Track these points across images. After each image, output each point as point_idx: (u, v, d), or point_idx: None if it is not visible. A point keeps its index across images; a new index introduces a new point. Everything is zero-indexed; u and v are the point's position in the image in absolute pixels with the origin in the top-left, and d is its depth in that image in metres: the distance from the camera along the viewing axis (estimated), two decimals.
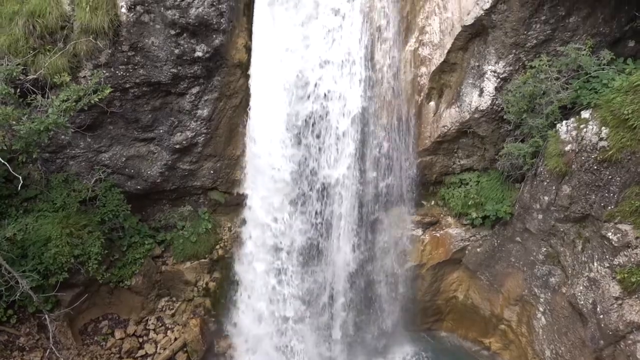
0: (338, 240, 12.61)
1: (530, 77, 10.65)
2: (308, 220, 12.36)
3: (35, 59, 9.87)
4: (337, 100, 11.27)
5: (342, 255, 12.70)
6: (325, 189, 12.11)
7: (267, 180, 11.96)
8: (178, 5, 9.84)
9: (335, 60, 10.97)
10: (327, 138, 11.70)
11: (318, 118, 11.48)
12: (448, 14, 11.15)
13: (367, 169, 12.17)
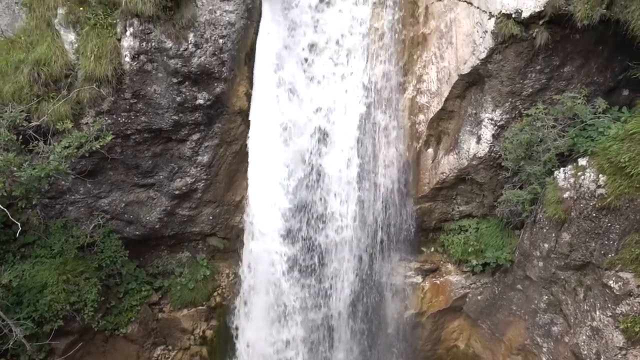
0: (336, 287, 12.55)
1: (527, 124, 10.79)
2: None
3: (38, 106, 10.02)
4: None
5: (342, 304, 12.58)
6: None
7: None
8: (181, 55, 10.07)
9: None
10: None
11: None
12: (445, 63, 11.40)
13: (367, 216, 12.21)
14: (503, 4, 10.01)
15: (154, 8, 9.43)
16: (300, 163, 11.79)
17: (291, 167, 11.73)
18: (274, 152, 11.50)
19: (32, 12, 10.08)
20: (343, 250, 12.46)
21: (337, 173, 11.87)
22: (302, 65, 11.28)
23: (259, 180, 11.79)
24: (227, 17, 10.12)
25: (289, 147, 11.59)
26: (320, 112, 11.60)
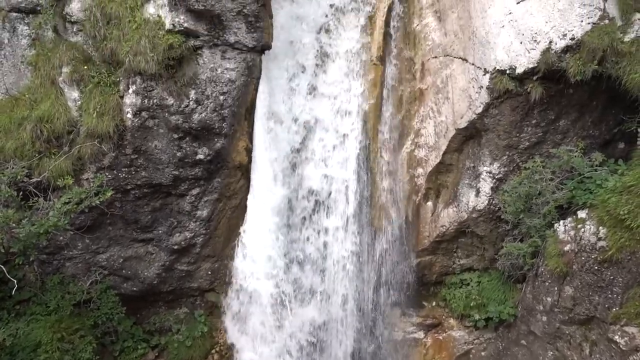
0: (335, 342, 12.32)
1: (525, 177, 10.86)
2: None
3: (40, 162, 10.08)
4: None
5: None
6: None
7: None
8: (182, 111, 10.23)
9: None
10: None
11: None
12: (442, 118, 11.59)
13: (366, 271, 12.13)
14: (497, 60, 10.28)
15: (157, 66, 9.64)
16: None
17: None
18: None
19: (38, 70, 10.29)
20: (343, 304, 12.31)
21: (334, 230, 11.93)
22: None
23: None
24: (227, 75, 10.34)
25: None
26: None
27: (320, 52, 11.71)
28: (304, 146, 11.96)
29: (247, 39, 10.27)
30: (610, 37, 9.50)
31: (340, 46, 11.68)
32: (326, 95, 11.86)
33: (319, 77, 11.76)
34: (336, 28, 11.70)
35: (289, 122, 11.77)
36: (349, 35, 11.69)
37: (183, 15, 9.61)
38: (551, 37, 9.85)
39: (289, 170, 11.86)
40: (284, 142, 11.80)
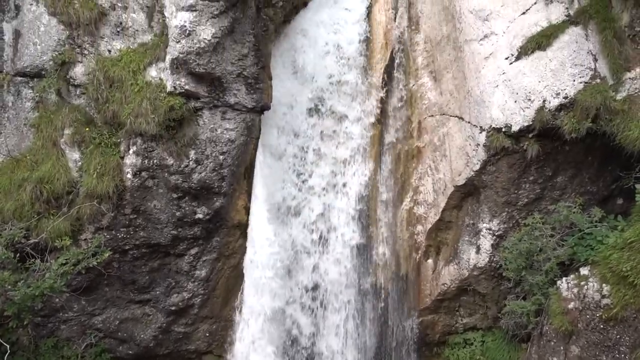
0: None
1: (525, 234, 10.80)
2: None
3: (38, 223, 10.06)
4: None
5: None
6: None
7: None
8: (182, 171, 10.30)
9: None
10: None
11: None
12: (440, 175, 11.66)
13: (367, 332, 11.89)
14: (493, 118, 10.45)
15: (157, 127, 9.78)
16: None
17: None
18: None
19: (40, 132, 10.44)
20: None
21: (335, 287, 11.80)
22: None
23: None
24: (227, 135, 10.48)
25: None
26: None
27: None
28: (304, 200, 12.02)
29: (247, 100, 10.47)
30: (602, 96, 9.69)
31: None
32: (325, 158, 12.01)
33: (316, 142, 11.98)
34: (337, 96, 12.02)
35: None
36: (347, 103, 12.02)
37: (184, 78, 9.83)
38: (545, 96, 10.05)
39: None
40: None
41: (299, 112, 11.83)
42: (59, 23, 10.26)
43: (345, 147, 11.88)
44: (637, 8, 10.03)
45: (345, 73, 11.82)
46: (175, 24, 9.41)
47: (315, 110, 11.89)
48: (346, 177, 11.89)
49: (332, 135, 11.88)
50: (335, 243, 11.89)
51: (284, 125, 11.77)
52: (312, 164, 11.82)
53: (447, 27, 11.37)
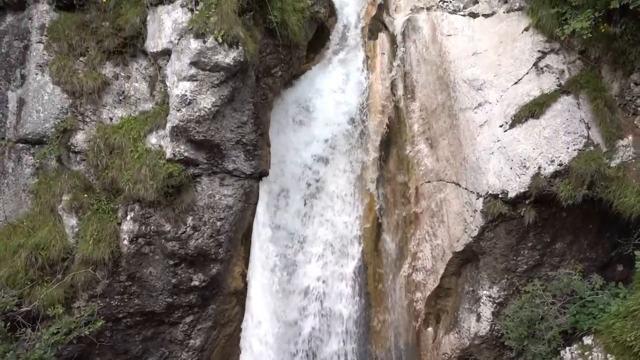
0: None
1: (526, 301, 10.64)
2: None
3: (31, 290, 9.87)
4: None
5: None
6: None
7: None
8: (179, 237, 10.25)
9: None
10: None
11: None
12: (438, 241, 11.62)
13: None
14: (489, 185, 10.53)
15: (156, 194, 9.80)
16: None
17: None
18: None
19: (38, 198, 10.44)
20: None
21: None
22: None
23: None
24: (225, 201, 10.51)
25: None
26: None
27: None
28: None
29: (245, 167, 10.58)
30: (597, 163, 9.81)
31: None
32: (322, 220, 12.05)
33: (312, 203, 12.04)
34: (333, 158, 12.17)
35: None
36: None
37: (184, 145, 9.96)
38: (540, 163, 10.17)
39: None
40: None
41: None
42: (63, 92, 10.48)
43: (343, 214, 11.91)
44: (626, 78, 10.34)
45: (340, 141, 12.04)
46: (177, 93, 9.63)
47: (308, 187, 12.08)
48: (343, 241, 11.86)
49: (329, 207, 11.97)
50: (331, 313, 11.72)
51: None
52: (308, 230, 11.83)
53: (442, 96, 11.66)
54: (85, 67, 10.53)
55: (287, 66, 11.67)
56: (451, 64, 11.43)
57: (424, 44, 11.94)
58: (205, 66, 9.47)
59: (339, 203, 12.01)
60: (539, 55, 10.87)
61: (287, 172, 11.98)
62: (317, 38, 12.70)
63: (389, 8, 12.83)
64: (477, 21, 11.68)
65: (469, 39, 11.53)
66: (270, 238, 11.30)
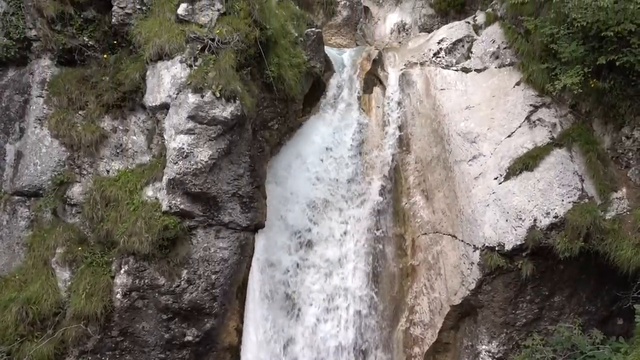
0: None
1: (526, 356, 10.43)
2: None
3: (21, 346, 9.67)
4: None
5: None
6: None
7: None
8: (173, 291, 10.12)
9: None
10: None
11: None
12: (436, 294, 11.49)
13: None
14: (486, 237, 10.51)
15: (150, 247, 9.73)
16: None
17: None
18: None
19: (32, 251, 10.35)
20: None
21: None
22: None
23: None
24: (220, 254, 10.44)
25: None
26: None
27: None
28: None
29: (241, 219, 10.55)
30: (592, 215, 9.84)
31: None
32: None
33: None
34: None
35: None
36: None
37: (180, 197, 9.97)
38: (535, 215, 10.19)
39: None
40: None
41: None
42: (61, 145, 10.56)
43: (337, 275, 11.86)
44: (617, 131, 10.51)
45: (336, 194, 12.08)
46: (174, 146, 9.71)
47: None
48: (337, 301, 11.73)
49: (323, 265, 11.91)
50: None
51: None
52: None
53: (436, 149, 11.79)
54: (84, 121, 10.65)
55: (283, 119, 11.84)
56: (445, 117, 11.61)
57: (418, 98, 12.17)
58: (203, 120, 9.59)
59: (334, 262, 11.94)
60: (531, 109, 11.08)
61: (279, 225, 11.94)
62: (313, 91, 12.92)
63: (384, 63, 13.13)
64: (470, 76, 11.96)
65: (462, 93, 11.77)
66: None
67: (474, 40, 12.41)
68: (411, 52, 13.12)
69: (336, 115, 12.68)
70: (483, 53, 12.11)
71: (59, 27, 10.45)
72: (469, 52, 12.31)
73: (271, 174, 11.74)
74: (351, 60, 13.41)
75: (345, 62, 13.42)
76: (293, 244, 11.85)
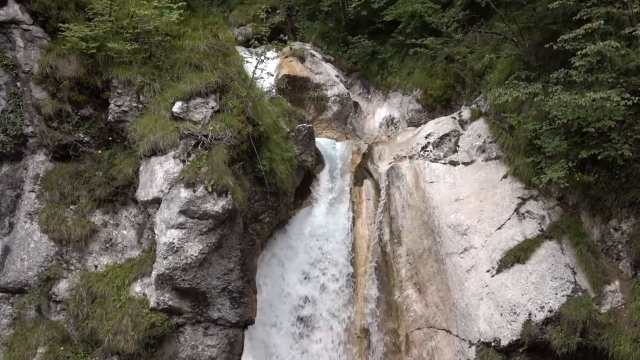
0: None
1: None
2: None
3: None
4: None
5: None
6: None
7: None
8: None
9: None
10: None
11: None
12: None
13: None
14: (480, 332, 10.28)
15: (136, 346, 9.40)
16: None
17: None
18: None
19: (12, 351, 9.92)
20: None
21: None
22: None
23: None
24: (208, 352, 10.10)
25: None
26: None
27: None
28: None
29: (231, 315, 10.31)
30: (587, 309, 9.68)
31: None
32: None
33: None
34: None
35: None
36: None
37: (168, 293, 9.79)
38: (530, 309, 10.03)
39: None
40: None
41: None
42: (50, 240, 10.47)
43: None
44: (606, 224, 10.58)
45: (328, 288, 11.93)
46: (164, 240, 9.66)
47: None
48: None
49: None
50: None
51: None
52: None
53: (427, 241, 11.79)
54: (74, 215, 10.64)
55: (274, 212, 11.90)
56: (435, 210, 11.72)
57: (408, 191, 12.33)
58: (194, 214, 9.62)
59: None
60: (519, 202, 11.22)
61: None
62: (304, 184, 13.12)
63: (373, 157, 13.43)
64: (458, 169, 12.22)
65: (450, 186, 11.96)
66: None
67: (461, 134, 12.80)
68: (400, 146, 13.47)
69: (327, 208, 12.78)
70: (470, 147, 12.44)
71: (56, 124, 10.71)
72: (456, 145, 12.66)
73: (262, 268, 11.64)
74: (342, 154, 13.74)
75: (335, 155, 13.73)
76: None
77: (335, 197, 12.98)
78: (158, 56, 10.91)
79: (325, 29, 19.26)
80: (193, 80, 10.48)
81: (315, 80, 16.68)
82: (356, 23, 18.40)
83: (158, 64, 10.87)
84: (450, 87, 15.49)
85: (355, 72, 18.53)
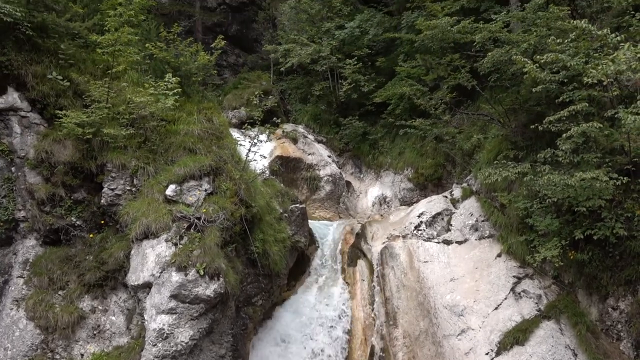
0: None
1: None
2: None
3: None
4: None
5: None
6: None
7: None
8: None
9: None
10: None
11: None
12: None
13: None
14: None
15: None
16: None
17: None
18: None
19: None
20: None
21: None
22: None
23: None
24: None
25: None
26: None
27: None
28: None
29: None
30: None
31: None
32: None
33: None
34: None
35: None
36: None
37: None
38: None
39: None
40: None
41: None
42: (36, 327, 10.13)
43: None
44: (603, 303, 10.43)
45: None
46: (154, 327, 9.38)
47: None
48: None
49: None
50: None
51: None
52: None
53: (424, 322, 11.54)
54: (63, 301, 10.38)
55: (267, 295, 11.69)
56: (430, 290, 11.56)
57: (402, 271, 12.21)
58: (185, 299, 9.41)
59: None
60: (514, 281, 11.11)
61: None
62: (297, 265, 12.98)
63: (367, 236, 13.39)
64: (452, 248, 12.19)
65: (445, 265, 11.88)
66: None
67: (453, 213, 12.87)
68: (393, 225, 13.48)
69: (320, 290, 12.56)
70: (462, 225, 12.47)
71: (49, 208, 10.68)
72: (449, 224, 12.70)
73: (254, 353, 11.27)
74: (335, 235, 13.70)
75: (329, 236, 13.68)
76: None
77: (329, 278, 12.79)
78: (153, 140, 11.09)
79: (317, 111, 19.83)
80: (187, 163, 10.60)
81: (308, 160, 16.95)
82: (347, 105, 18.99)
83: (153, 148, 11.03)
84: (441, 166, 15.77)
85: (347, 152, 18.90)
